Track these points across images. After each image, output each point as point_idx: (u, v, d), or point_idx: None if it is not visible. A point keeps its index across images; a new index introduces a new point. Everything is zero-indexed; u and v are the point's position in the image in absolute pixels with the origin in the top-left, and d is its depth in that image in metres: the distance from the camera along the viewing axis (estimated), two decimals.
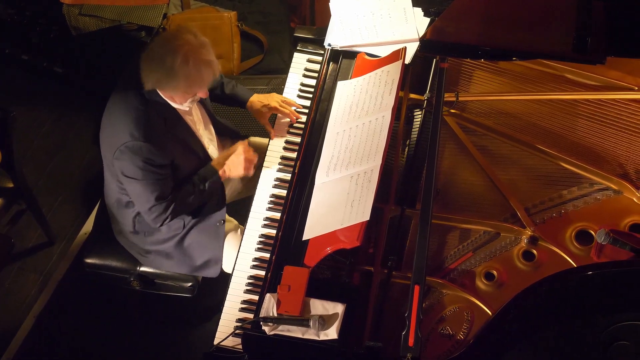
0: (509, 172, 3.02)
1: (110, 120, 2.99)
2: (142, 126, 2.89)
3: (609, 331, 2.56)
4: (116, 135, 2.92)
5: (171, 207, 3.05)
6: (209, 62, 2.83)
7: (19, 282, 3.98)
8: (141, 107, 2.91)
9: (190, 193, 3.10)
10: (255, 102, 3.34)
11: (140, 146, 2.89)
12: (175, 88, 2.86)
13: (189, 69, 2.79)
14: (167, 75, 2.80)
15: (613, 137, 3.01)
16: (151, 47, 2.84)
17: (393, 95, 2.97)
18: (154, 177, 2.97)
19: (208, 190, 3.14)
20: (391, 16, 3.25)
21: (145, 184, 2.98)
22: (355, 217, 2.71)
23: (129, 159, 2.92)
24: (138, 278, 3.39)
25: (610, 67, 3.02)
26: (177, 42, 2.79)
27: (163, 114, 2.96)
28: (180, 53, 2.78)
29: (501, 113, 3.11)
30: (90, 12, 4.31)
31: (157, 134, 2.93)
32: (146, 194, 3.00)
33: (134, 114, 2.90)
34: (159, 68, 2.80)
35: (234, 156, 3.14)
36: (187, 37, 2.81)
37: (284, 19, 4.58)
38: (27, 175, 3.76)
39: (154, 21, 4.30)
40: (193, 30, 2.85)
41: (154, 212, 3.05)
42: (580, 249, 2.88)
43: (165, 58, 2.78)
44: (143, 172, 2.94)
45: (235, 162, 3.14)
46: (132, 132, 2.88)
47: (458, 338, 2.76)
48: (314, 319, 2.61)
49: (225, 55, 4.32)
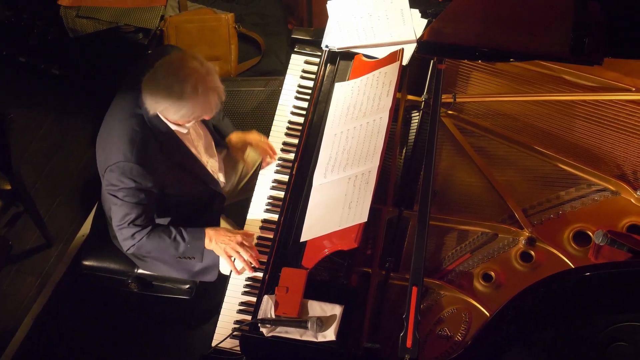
0: (506, 173, 3.02)
1: (106, 135, 2.97)
2: (136, 148, 2.87)
3: (607, 332, 2.56)
4: (110, 153, 2.91)
5: (140, 237, 3.00)
6: (215, 89, 2.81)
7: (17, 284, 3.98)
8: (138, 129, 2.88)
9: (164, 239, 3.03)
10: (233, 137, 3.33)
11: (131, 167, 2.88)
12: (183, 116, 2.83)
13: (198, 97, 2.77)
14: (175, 104, 2.77)
15: (610, 138, 3.01)
16: (155, 74, 2.78)
17: (390, 97, 2.97)
18: (135, 199, 2.94)
19: (186, 247, 3.05)
20: (388, 17, 3.25)
21: (123, 204, 2.96)
22: (353, 218, 2.71)
23: (116, 178, 2.91)
24: (136, 280, 3.39)
25: (608, 68, 3.02)
26: (184, 71, 2.75)
27: (160, 138, 2.94)
28: (189, 82, 2.74)
29: (499, 114, 3.11)
30: (87, 14, 4.31)
31: (151, 158, 2.92)
32: (122, 213, 2.97)
33: (130, 135, 2.87)
34: (166, 97, 2.76)
35: (228, 233, 3.04)
36: (194, 65, 2.77)
37: (281, 21, 4.58)
38: (25, 177, 3.75)
39: (151, 23, 4.30)
40: (198, 57, 2.81)
41: (123, 232, 3.01)
42: (578, 250, 2.88)
43: (172, 87, 2.74)
44: (126, 191, 2.92)
45: (224, 238, 3.02)
46: (125, 152, 2.87)
47: (456, 339, 2.76)
48: (311, 321, 2.61)
49: (223, 57, 4.32)
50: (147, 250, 3.07)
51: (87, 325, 3.86)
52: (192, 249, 3.07)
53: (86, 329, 3.85)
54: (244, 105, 4.01)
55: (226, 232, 3.03)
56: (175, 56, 2.81)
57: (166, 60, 2.80)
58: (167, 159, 2.98)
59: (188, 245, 3.05)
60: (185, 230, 3.05)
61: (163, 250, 3.07)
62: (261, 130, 3.44)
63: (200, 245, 3.06)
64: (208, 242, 3.05)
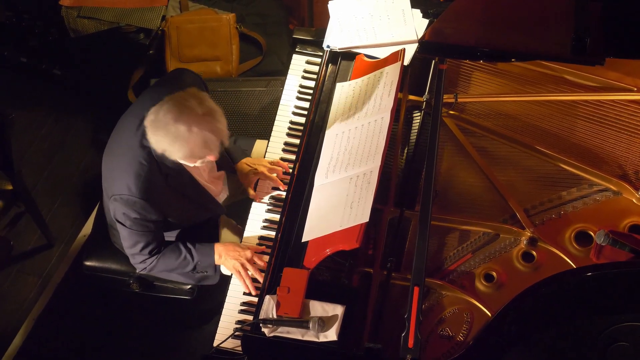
0: (508, 174, 3.02)
1: (113, 158, 2.95)
2: (141, 183, 2.85)
3: (608, 332, 2.56)
4: (115, 182, 2.91)
5: (152, 262, 3.06)
6: (213, 131, 2.74)
7: (18, 285, 3.98)
8: (144, 162, 2.85)
9: (175, 260, 3.07)
10: (243, 165, 3.27)
11: (135, 201, 2.87)
12: (185, 156, 2.78)
13: (193, 138, 2.71)
14: (172, 145, 2.73)
15: (612, 138, 3.01)
16: (158, 113, 2.74)
17: (392, 97, 2.97)
18: (142, 229, 2.97)
19: (197, 265, 3.10)
20: (390, 18, 3.25)
21: (132, 233, 2.98)
22: (354, 218, 2.71)
23: (120, 209, 2.91)
24: (137, 280, 3.39)
25: (609, 68, 3.02)
26: (179, 111, 2.70)
27: (166, 171, 2.92)
28: (183, 123, 2.69)
29: (500, 114, 3.11)
30: (88, 14, 4.31)
31: (155, 192, 2.91)
32: (131, 240, 3.01)
33: (137, 168, 2.85)
34: (164, 137, 2.72)
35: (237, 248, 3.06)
36: (191, 105, 2.71)
37: (283, 21, 4.58)
38: (26, 177, 3.76)
39: (152, 23, 4.30)
40: (199, 96, 2.76)
41: (135, 258, 3.07)
42: (580, 250, 2.88)
43: (168, 127, 2.70)
44: (132, 222, 2.94)
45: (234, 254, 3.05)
46: (129, 186, 2.86)
47: (457, 339, 2.76)
48: (313, 321, 2.61)
49: (224, 57, 4.32)
50: (159, 270, 3.11)
51: (88, 326, 3.86)
52: (203, 266, 3.11)
53: (87, 330, 3.85)
54: (245, 106, 4.00)
55: (235, 247, 3.05)
56: (179, 95, 2.76)
57: (171, 98, 2.75)
58: (172, 190, 2.98)
59: (198, 263, 3.09)
60: (195, 248, 3.09)
61: (174, 269, 3.12)
62: (262, 130, 3.44)
63: (211, 261, 3.09)
64: (217, 259, 3.08)
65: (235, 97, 4.00)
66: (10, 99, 4.48)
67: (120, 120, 3.02)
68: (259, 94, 4.02)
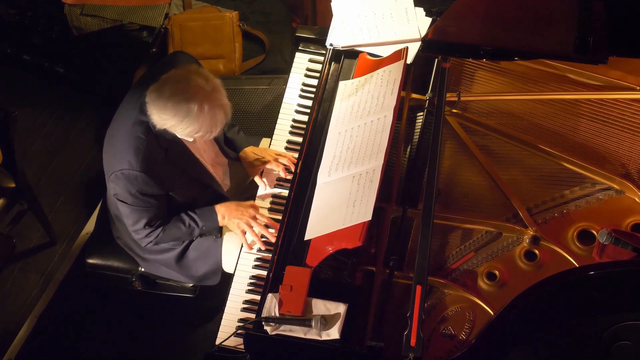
0: (510, 172, 3.02)
1: (112, 140, 2.97)
2: (141, 157, 2.88)
3: (611, 331, 2.55)
4: (115, 159, 2.93)
5: (157, 234, 3.09)
6: (222, 106, 2.80)
7: (21, 283, 3.98)
8: (143, 136, 2.88)
9: (180, 228, 3.12)
10: (249, 153, 3.30)
11: (136, 176, 2.89)
12: (190, 132, 2.81)
13: (205, 115, 2.75)
14: (182, 122, 2.76)
15: (615, 137, 3.01)
16: (162, 91, 2.75)
17: (395, 95, 2.97)
18: (144, 204, 3.00)
19: (202, 230, 3.16)
20: (393, 16, 3.25)
21: (134, 209, 3.01)
22: (357, 217, 2.71)
23: (122, 186, 2.93)
24: (140, 278, 3.40)
25: (612, 67, 3.02)
26: (190, 90, 2.73)
27: (165, 145, 2.94)
28: (195, 101, 2.72)
29: (503, 113, 3.11)
30: (91, 12, 4.32)
31: (156, 166, 2.93)
32: (134, 217, 3.04)
33: (135, 143, 2.87)
34: (174, 116, 2.75)
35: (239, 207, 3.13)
36: (200, 83, 2.75)
37: (286, 19, 4.58)
38: (29, 175, 3.75)
39: (155, 21, 4.31)
40: (203, 73, 2.79)
41: (139, 233, 3.10)
42: (582, 249, 2.88)
43: (179, 106, 2.72)
44: (134, 199, 2.96)
45: (236, 213, 3.11)
46: (130, 161, 2.87)
47: (460, 338, 2.76)
48: (316, 319, 2.62)
49: (227, 55, 4.32)
50: (165, 241, 3.16)
51: (90, 324, 3.87)
52: (208, 230, 3.17)
53: (90, 327, 3.86)
54: (248, 104, 4.01)
55: (237, 207, 3.11)
56: (180, 72, 2.78)
57: (171, 76, 2.78)
58: (172, 165, 3.00)
59: (203, 228, 3.14)
60: (197, 215, 3.13)
61: (180, 238, 3.18)
62: (265, 128, 3.44)
63: (215, 224, 3.15)
64: (221, 220, 3.13)
65: (238, 95, 4.01)
66: (13, 97, 4.48)
67: (118, 108, 3.03)
68: (262, 92, 4.02)
